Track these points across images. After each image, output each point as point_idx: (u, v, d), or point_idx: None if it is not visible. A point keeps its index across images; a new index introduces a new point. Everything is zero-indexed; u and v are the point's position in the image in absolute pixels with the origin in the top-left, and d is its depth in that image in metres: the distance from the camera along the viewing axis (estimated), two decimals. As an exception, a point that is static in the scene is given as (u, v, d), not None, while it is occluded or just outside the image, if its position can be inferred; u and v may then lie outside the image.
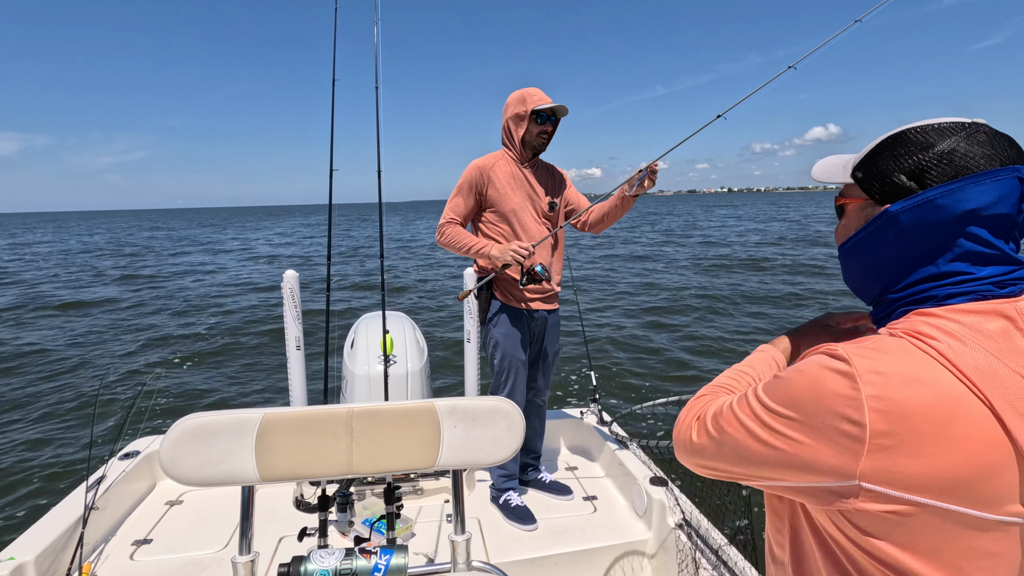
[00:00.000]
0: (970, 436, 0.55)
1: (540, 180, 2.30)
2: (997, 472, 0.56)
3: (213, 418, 1.10)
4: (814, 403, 0.60)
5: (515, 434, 1.21)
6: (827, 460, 0.60)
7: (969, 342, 0.58)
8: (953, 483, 0.56)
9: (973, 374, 0.57)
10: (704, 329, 8.20)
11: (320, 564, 1.13)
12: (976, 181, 0.60)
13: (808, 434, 0.61)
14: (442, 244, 2.25)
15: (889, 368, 0.58)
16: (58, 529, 1.90)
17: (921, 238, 0.63)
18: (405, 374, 2.54)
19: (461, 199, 2.23)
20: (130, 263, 20.44)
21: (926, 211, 0.62)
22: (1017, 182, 0.60)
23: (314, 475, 1.13)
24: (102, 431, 4.85)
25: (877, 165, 0.67)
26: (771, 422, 0.64)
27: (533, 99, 2.15)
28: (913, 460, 0.56)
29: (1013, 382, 0.57)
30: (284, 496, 2.39)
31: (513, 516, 2.22)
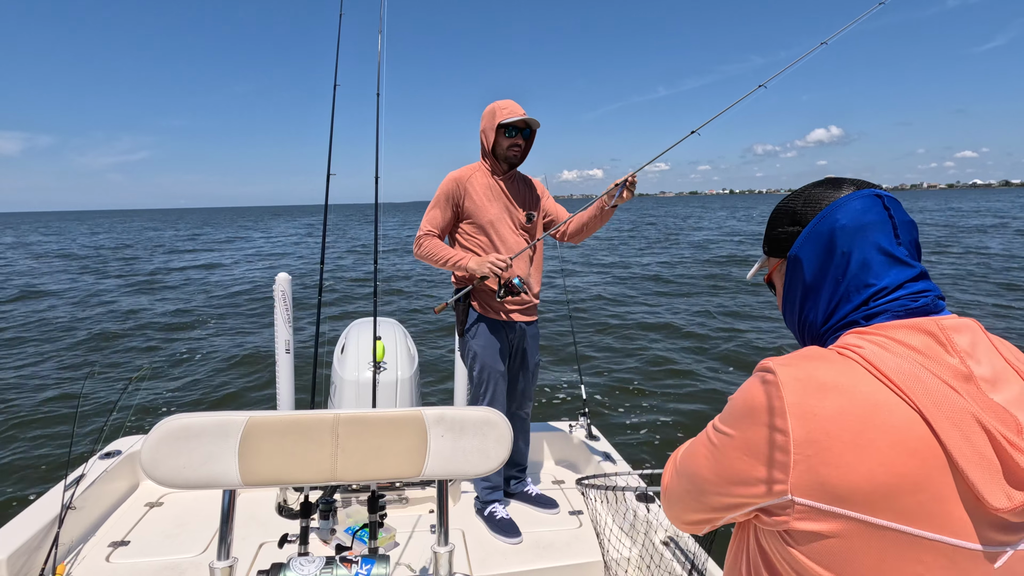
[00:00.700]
0: (893, 443, 0.55)
1: (517, 192, 2.31)
2: (923, 485, 0.55)
3: (197, 420, 1.09)
4: (747, 418, 0.63)
5: (502, 445, 1.20)
6: (758, 474, 0.61)
7: (893, 351, 0.61)
8: (877, 495, 0.55)
9: (897, 377, 0.58)
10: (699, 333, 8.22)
11: (300, 572, 1.11)
12: (839, 204, 0.70)
13: (743, 449, 0.63)
14: (419, 257, 2.25)
15: (810, 374, 0.60)
16: (33, 528, 1.86)
17: (821, 268, 0.71)
18: (395, 381, 2.52)
19: (439, 211, 2.24)
20: (122, 261, 20.29)
21: (812, 240, 0.72)
22: (873, 197, 0.69)
23: (297, 481, 1.12)
24: (83, 429, 4.78)
25: (771, 231, 0.79)
26: (716, 442, 0.67)
27: (502, 112, 2.16)
28: (835, 470, 0.56)
29: (940, 390, 0.57)
30: (266, 501, 2.36)
31: (498, 529, 2.21)
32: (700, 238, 26.98)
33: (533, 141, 2.30)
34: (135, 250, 25.03)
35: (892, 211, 0.68)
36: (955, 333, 0.62)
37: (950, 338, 0.61)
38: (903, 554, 0.57)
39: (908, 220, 0.69)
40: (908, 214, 0.70)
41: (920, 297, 0.66)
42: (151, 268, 17.93)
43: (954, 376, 0.59)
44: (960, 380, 0.59)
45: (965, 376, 0.59)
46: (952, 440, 0.55)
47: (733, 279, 13.98)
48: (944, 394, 0.57)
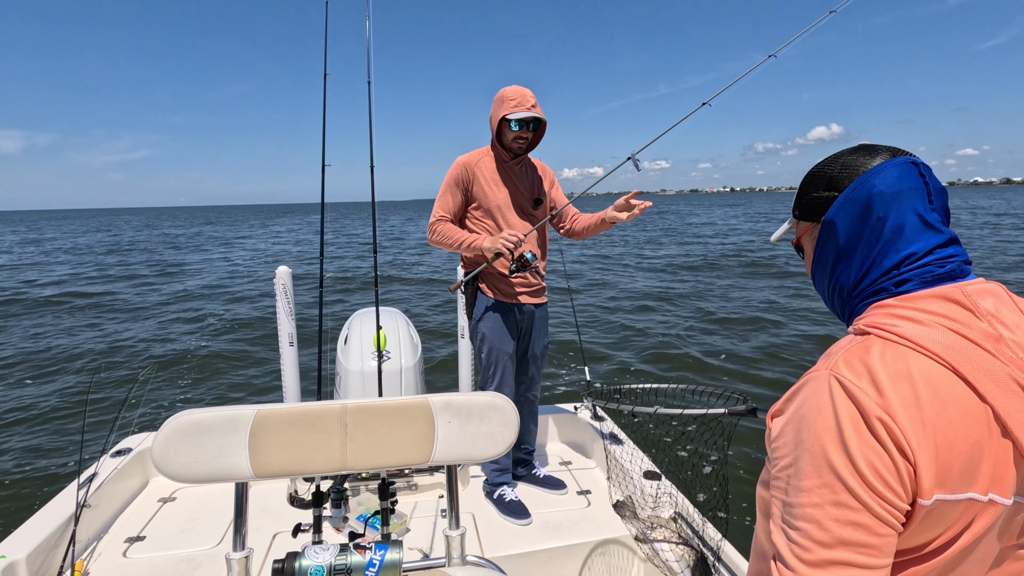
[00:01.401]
0: (961, 414, 0.57)
1: (524, 178, 2.30)
2: (987, 447, 0.57)
3: (206, 415, 1.10)
4: (851, 435, 0.62)
5: (509, 429, 1.21)
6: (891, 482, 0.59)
7: (928, 323, 0.63)
8: (969, 467, 0.57)
9: (940, 350, 0.60)
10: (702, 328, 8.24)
11: (315, 560, 1.13)
12: (876, 171, 0.71)
13: (853, 466, 0.59)
14: (434, 243, 2.25)
15: (894, 371, 0.60)
16: (50, 527, 1.88)
17: (855, 232, 0.72)
18: (399, 370, 2.53)
19: (449, 196, 2.24)
20: (126, 260, 20.27)
21: (848, 206, 0.72)
22: (909, 164, 0.70)
23: (308, 471, 1.13)
24: (93, 428, 4.82)
25: (804, 196, 0.80)
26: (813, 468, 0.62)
27: (508, 105, 2.13)
28: (946, 455, 0.57)
29: (979, 356, 0.60)
30: (278, 492, 2.39)
31: (507, 511, 2.23)
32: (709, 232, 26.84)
33: (544, 132, 2.26)
34: (140, 247, 25.01)
35: (927, 177, 0.70)
36: (979, 298, 0.65)
37: (976, 303, 0.64)
38: (966, 522, 0.59)
39: (940, 187, 0.71)
40: (939, 181, 0.72)
41: (947, 262, 0.67)
42: (156, 265, 17.92)
43: (986, 338, 0.61)
44: (992, 341, 0.61)
45: (996, 338, 0.61)
46: (999, 402, 0.57)
47: (733, 263, 13.96)
48: (983, 359, 0.59)
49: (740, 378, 5.82)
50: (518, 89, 2.16)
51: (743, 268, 14.06)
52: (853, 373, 0.61)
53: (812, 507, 0.58)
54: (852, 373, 0.61)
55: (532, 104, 2.14)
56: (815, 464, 0.59)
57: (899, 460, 0.57)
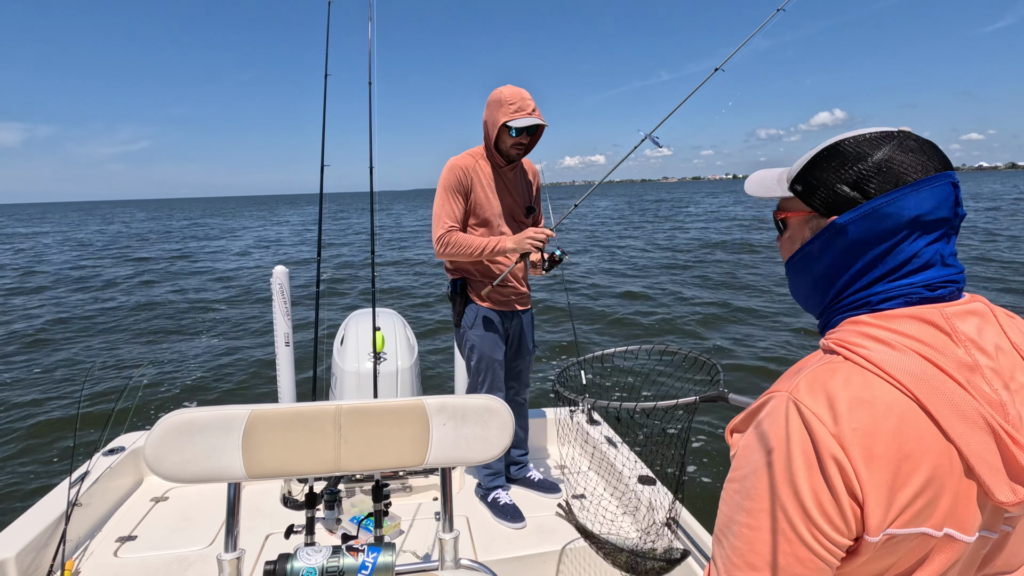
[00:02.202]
0: (922, 451, 0.55)
1: (518, 184, 2.26)
2: (947, 487, 0.56)
3: (200, 414, 1.10)
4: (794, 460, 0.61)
5: (504, 432, 1.21)
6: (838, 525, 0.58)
7: (899, 348, 0.59)
8: (924, 504, 0.56)
9: (907, 380, 0.57)
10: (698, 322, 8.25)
11: (307, 562, 1.13)
12: (915, 189, 0.61)
13: (797, 498, 0.59)
14: (448, 256, 2.12)
15: (834, 394, 0.58)
16: (40, 525, 1.87)
17: (867, 247, 0.64)
18: (395, 371, 2.53)
19: (452, 203, 2.12)
20: (122, 254, 20.20)
21: (873, 220, 0.62)
22: (951, 187, 0.61)
23: (302, 472, 1.12)
24: (87, 426, 4.79)
25: (817, 177, 0.67)
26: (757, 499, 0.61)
27: (508, 111, 2.02)
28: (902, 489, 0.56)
29: (948, 388, 0.57)
30: (271, 493, 2.38)
31: (501, 514, 2.23)
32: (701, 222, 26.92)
33: (541, 135, 2.18)
34: (132, 241, 24.93)
35: (960, 207, 0.63)
36: (960, 320, 0.61)
37: (955, 327, 0.60)
38: (921, 554, 0.58)
39: (964, 214, 0.65)
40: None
41: (939, 288, 0.62)
42: (149, 261, 17.86)
43: (959, 367, 0.58)
44: (966, 371, 0.58)
45: (970, 367, 0.58)
46: (962, 439, 0.55)
47: (726, 257, 13.99)
48: (951, 392, 0.56)
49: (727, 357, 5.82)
50: (516, 91, 2.05)
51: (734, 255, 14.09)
52: (812, 399, 0.58)
53: (750, 529, 0.59)
54: (811, 398, 0.58)
55: (532, 108, 2.05)
56: (760, 489, 0.58)
57: (846, 501, 0.55)
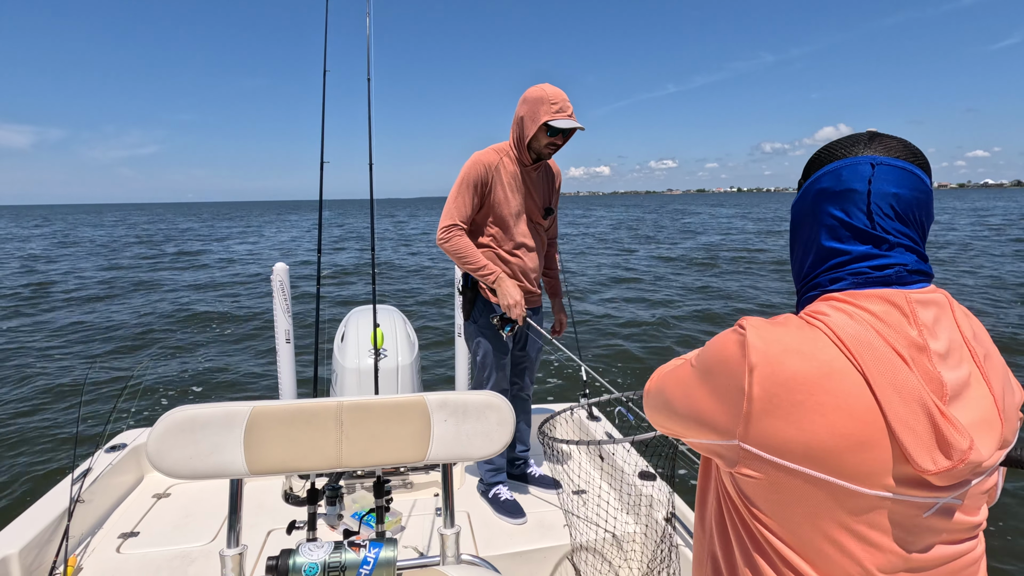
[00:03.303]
0: (839, 407, 0.60)
1: (538, 184, 2.22)
2: (864, 445, 0.60)
3: (202, 411, 1.10)
4: (717, 366, 0.68)
5: (505, 428, 1.21)
6: (718, 418, 0.67)
7: (857, 319, 0.64)
8: (821, 452, 0.60)
9: (852, 344, 0.62)
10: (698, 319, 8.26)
11: (309, 557, 1.13)
12: (833, 167, 0.71)
13: (709, 392, 0.69)
14: (445, 250, 2.11)
15: (776, 338, 0.65)
16: (43, 522, 1.88)
17: (801, 225, 0.75)
18: (396, 368, 2.53)
19: (466, 198, 2.07)
20: (127, 255, 20.20)
21: (802, 199, 0.75)
22: (868, 166, 0.68)
23: (303, 468, 1.13)
24: (88, 423, 4.80)
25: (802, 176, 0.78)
26: (688, 378, 0.73)
27: (550, 110, 1.98)
28: (785, 425, 0.62)
29: (890, 358, 0.61)
30: (273, 489, 2.38)
31: (502, 510, 2.23)
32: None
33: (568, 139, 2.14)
34: (137, 243, 24.93)
35: (874, 182, 0.68)
36: (921, 307, 0.65)
37: (915, 311, 0.64)
38: (840, 503, 0.62)
39: (893, 191, 0.67)
40: (901, 184, 0.68)
41: (885, 268, 0.67)
42: (155, 261, 17.86)
43: (909, 346, 0.62)
44: (914, 350, 0.62)
45: (919, 347, 0.63)
46: (890, 406, 0.59)
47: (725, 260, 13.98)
48: (892, 362, 0.61)
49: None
50: (558, 91, 2.01)
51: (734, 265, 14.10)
52: (755, 328, 0.66)
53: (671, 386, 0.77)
54: (754, 327, 0.66)
55: (572, 110, 2.02)
56: (690, 372, 0.73)
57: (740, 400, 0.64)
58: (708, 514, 0.78)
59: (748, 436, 0.64)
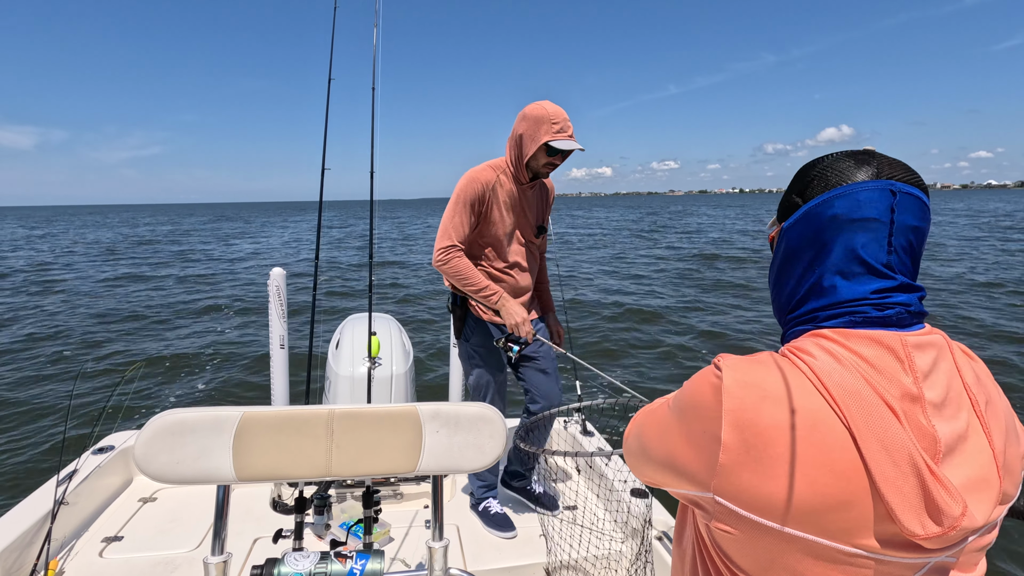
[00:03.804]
0: (821, 463, 0.55)
1: (533, 202, 2.18)
2: (847, 504, 0.55)
3: (191, 415, 1.09)
4: (691, 410, 0.63)
5: (497, 441, 1.20)
6: (693, 467, 0.62)
7: (846, 363, 0.58)
8: (800, 510, 0.56)
9: (837, 393, 0.56)
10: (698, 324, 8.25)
11: (294, 567, 1.11)
12: (847, 191, 0.62)
13: (684, 438, 0.64)
14: (444, 271, 2.06)
15: (755, 382, 0.59)
16: (25, 524, 1.85)
17: (801, 252, 0.66)
18: (389, 377, 2.52)
19: (463, 218, 2.02)
20: (119, 257, 20.14)
21: (804, 222, 0.65)
22: (888, 193, 0.61)
23: (292, 476, 1.12)
24: (76, 424, 4.76)
25: (785, 195, 0.71)
26: (665, 421, 0.68)
27: (551, 129, 1.95)
28: (762, 480, 0.56)
29: (878, 411, 0.56)
30: (261, 497, 2.36)
31: (492, 523, 2.21)
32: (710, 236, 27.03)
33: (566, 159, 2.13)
34: (129, 245, 24.88)
35: (897, 212, 0.61)
36: (918, 351, 0.60)
37: (910, 355, 0.59)
38: (818, 559, 0.57)
39: (914, 224, 0.62)
40: (920, 217, 0.62)
41: (887, 307, 0.61)
42: (149, 261, 17.82)
43: (901, 397, 0.57)
44: (907, 402, 0.57)
45: (913, 398, 0.58)
46: (877, 464, 0.54)
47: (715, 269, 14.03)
48: (882, 416, 0.56)
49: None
50: (559, 110, 1.97)
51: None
52: (732, 370, 0.61)
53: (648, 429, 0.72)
54: (731, 370, 0.61)
55: (572, 130, 2.00)
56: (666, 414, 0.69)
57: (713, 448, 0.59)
58: (684, 548, 0.74)
59: (723, 489, 0.59)
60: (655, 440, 0.69)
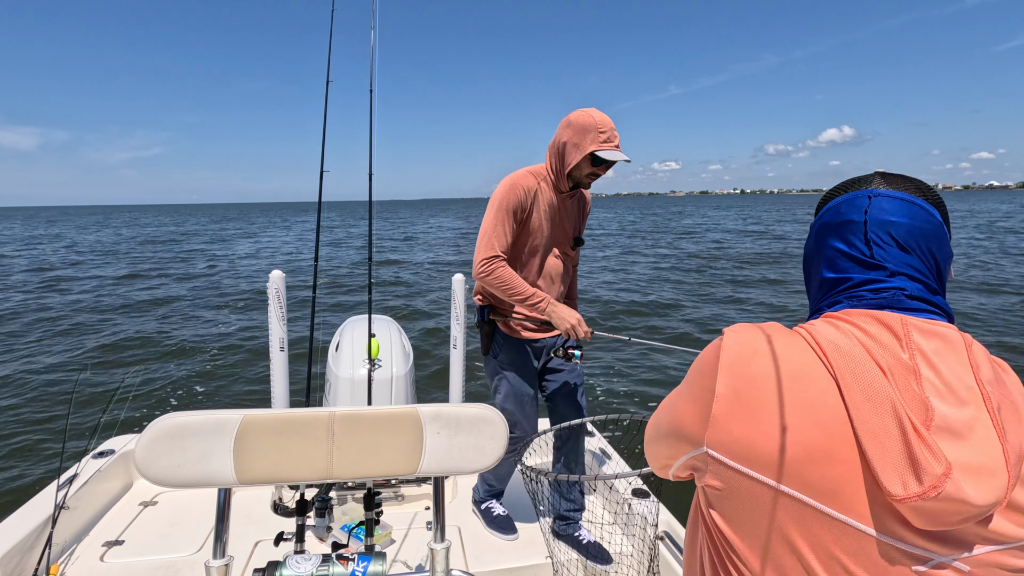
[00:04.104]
0: (804, 411, 0.57)
1: (571, 213, 2.09)
2: (829, 458, 0.55)
3: (191, 418, 1.09)
4: (696, 373, 0.68)
5: (498, 442, 1.20)
6: (691, 423, 0.65)
7: (845, 331, 0.62)
8: (785, 460, 0.57)
9: (828, 347, 0.59)
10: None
11: (296, 570, 1.11)
12: (832, 205, 0.73)
13: (687, 398, 0.68)
14: (487, 282, 1.94)
15: (750, 339, 0.64)
16: (26, 528, 1.85)
17: (810, 258, 0.76)
18: (390, 378, 2.52)
19: (506, 226, 1.91)
20: (120, 258, 20.14)
21: (810, 237, 0.77)
22: (864, 198, 0.70)
23: (293, 479, 1.11)
24: (76, 428, 4.75)
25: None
26: (675, 394, 0.73)
27: (598, 139, 1.86)
28: (748, 428, 0.59)
29: (866, 366, 0.57)
30: (262, 500, 2.36)
31: (494, 525, 2.21)
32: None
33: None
34: (130, 247, 24.88)
35: (870, 211, 0.68)
36: (921, 335, 0.60)
37: (909, 335, 0.60)
38: (807, 526, 0.57)
39: (890, 220, 0.67)
40: (900, 213, 0.67)
41: (882, 291, 0.66)
42: (150, 262, 17.81)
43: (895, 364, 0.58)
44: (900, 369, 0.58)
45: (909, 369, 0.58)
46: (859, 413, 0.55)
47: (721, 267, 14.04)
48: (869, 371, 0.57)
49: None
50: (607, 119, 1.88)
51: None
52: (733, 332, 0.67)
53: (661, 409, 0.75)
54: (733, 331, 0.67)
55: (618, 145, 1.92)
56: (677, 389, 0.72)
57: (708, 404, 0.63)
58: (698, 544, 0.75)
59: (715, 440, 0.62)
60: (666, 412, 0.73)
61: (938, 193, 0.71)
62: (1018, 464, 0.54)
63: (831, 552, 0.56)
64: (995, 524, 0.54)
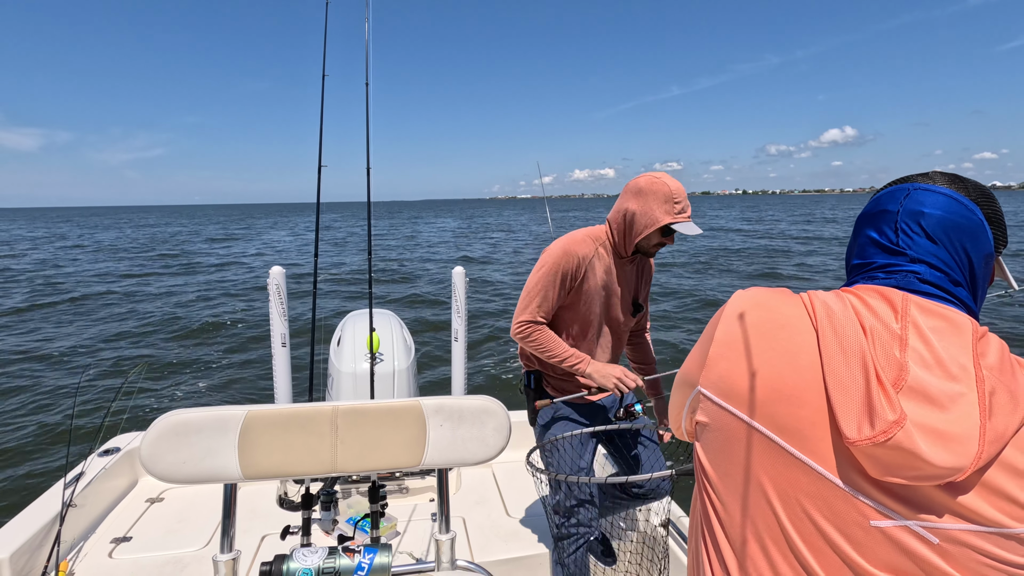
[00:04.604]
0: (780, 354, 0.62)
1: (632, 278, 1.93)
2: (798, 400, 0.59)
3: (196, 415, 1.09)
4: (710, 325, 0.72)
5: (501, 433, 1.21)
6: (694, 368, 0.71)
7: (843, 299, 0.65)
8: (758, 396, 0.61)
9: (818, 305, 0.63)
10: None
11: (303, 563, 1.12)
12: (877, 196, 0.75)
13: (697, 347, 0.73)
14: (524, 344, 1.84)
15: (753, 295, 0.69)
16: (34, 526, 1.86)
17: (850, 246, 0.79)
18: (392, 372, 2.53)
19: (552, 293, 1.79)
20: (122, 258, 20.13)
21: (855, 226, 0.79)
22: (904, 191, 0.72)
23: (298, 473, 1.12)
24: (82, 426, 4.77)
25: None
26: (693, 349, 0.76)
27: (672, 210, 1.72)
28: (733, 368, 0.64)
29: (847, 321, 0.60)
30: (267, 494, 2.37)
31: (594, 554, 1.91)
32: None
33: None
34: (133, 246, 24.87)
35: (905, 203, 0.70)
36: (921, 312, 0.61)
37: (907, 308, 0.62)
38: (774, 464, 0.60)
39: (922, 211, 0.68)
40: (934, 205, 0.68)
41: (894, 273, 0.68)
42: (151, 264, 17.81)
43: (882, 329, 0.60)
44: (885, 334, 0.59)
45: (895, 336, 0.59)
46: (831, 362, 0.58)
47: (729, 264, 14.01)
48: (849, 326, 0.60)
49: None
50: (680, 187, 1.75)
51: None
52: (743, 290, 0.72)
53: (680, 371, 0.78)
54: (743, 290, 0.72)
55: (690, 216, 1.78)
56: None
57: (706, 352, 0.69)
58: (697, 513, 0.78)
59: (706, 379, 0.67)
60: (683, 368, 0.77)
61: (992, 194, 0.71)
62: (995, 443, 0.53)
63: (793, 494, 0.59)
64: (969, 501, 0.53)
